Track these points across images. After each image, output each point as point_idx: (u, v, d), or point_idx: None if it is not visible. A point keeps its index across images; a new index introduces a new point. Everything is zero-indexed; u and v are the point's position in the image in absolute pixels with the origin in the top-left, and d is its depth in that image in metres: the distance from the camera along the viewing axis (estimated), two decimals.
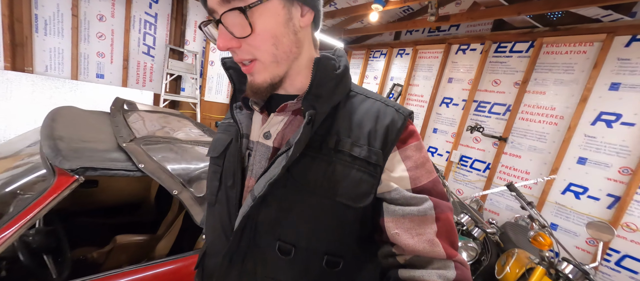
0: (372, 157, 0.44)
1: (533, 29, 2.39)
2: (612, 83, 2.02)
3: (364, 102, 0.48)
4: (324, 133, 0.46)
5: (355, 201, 0.44)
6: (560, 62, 2.28)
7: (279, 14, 0.40)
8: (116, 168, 0.89)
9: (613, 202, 1.99)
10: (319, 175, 0.44)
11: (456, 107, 2.96)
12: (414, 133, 0.46)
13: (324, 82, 0.43)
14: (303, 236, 0.46)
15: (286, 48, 0.42)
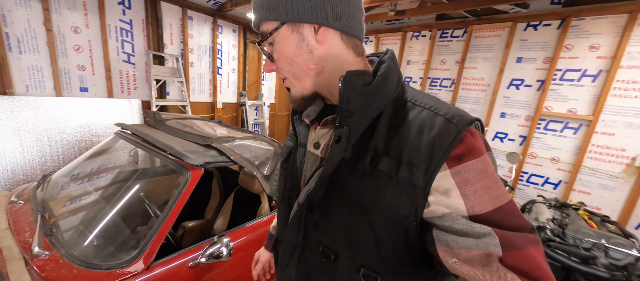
0: (413, 178, 0.40)
1: (466, 19, 3.13)
2: (518, 57, 2.87)
3: (411, 111, 0.44)
4: (361, 147, 0.45)
5: (389, 223, 0.42)
6: (485, 43, 3.07)
7: (288, 39, 0.44)
8: (221, 160, 1.23)
9: (522, 140, 2.91)
10: (353, 191, 0.44)
11: (415, 84, 3.66)
12: (473, 148, 0.39)
13: (353, 98, 0.42)
14: (341, 245, 0.47)
15: (302, 66, 0.46)
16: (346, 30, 0.45)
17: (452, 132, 0.39)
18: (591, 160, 2.56)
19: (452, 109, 0.42)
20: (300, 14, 0.43)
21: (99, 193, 1.33)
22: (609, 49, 2.39)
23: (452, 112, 0.42)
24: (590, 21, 2.45)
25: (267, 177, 1.51)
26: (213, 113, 3.92)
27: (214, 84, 3.85)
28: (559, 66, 2.62)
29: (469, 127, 0.40)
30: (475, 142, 0.40)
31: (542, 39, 2.70)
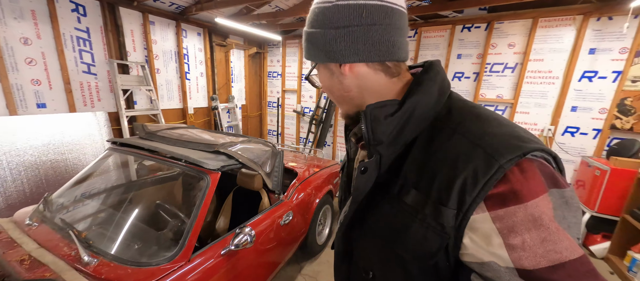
0: (441, 217, 0.37)
1: (415, 21, 3.62)
2: (458, 54, 3.45)
3: (448, 138, 0.39)
4: (394, 173, 0.44)
5: (415, 257, 0.41)
6: (432, 43, 3.61)
7: (323, 74, 0.51)
8: (232, 163, 1.40)
9: None
10: (381, 220, 0.45)
11: None
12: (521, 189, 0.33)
13: (377, 129, 0.44)
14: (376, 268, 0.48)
15: (337, 93, 0.50)
16: (371, 59, 0.44)
17: (491, 168, 0.34)
18: None
19: (505, 138, 0.36)
20: (325, 56, 0.47)
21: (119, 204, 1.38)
22: (521, 46, 3.06)
23: (497, 143, 0.35)
24: (507, 24, 3.09)
25: (269, 174, 1.71)
26: (185, 120, 3.85)
27: (183, 90, 3.78)
28: (488, 61, 3.25)
29: (518, 161, 0.34)
30: (525, 181, 0.33)
31: (474, 38, 3.31)
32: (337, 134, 4.66)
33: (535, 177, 0.34)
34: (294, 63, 4.86)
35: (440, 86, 0.45)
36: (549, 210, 0.33)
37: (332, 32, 0.44)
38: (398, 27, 0.44)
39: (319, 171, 2.49)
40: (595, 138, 2.86)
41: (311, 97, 4.82)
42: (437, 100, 0.44)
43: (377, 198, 0.47)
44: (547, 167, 0.35)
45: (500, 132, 0.37)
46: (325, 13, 0.44)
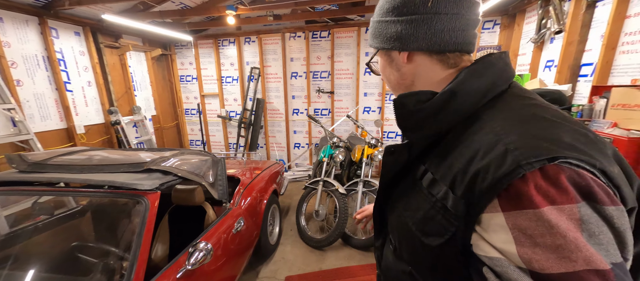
0: (448, 202, 0.38)
1: (328, 23, 3.98)
2: (366, 52, 4.02)
3: (477, 132, 0.39)
4: (417, 161, 0.48)
5: (423, 235, 0.43)
6: (344, 42, 4.06)
7: (382, 61, 0.54)
8: (171, 180, 1.26)
9: (379, 110, 4.17)
10: (404, 199, 0.50)
11: (301, 77, 4.31)
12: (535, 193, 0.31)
13: (406, 117, 0.46)
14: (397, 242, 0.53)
15: (395, 81, 0.53)
16: (431, 49, 0.45)
17: (507, 166, 0.32)
18: None
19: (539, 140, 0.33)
20: (387, 42, 0.49)
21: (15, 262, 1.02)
22: None
23: (525, 142, 0.33)
24: None
25: (213, 184, 1.62)
26: (73, 142, 3.04)
27: (64, 104, 2.97)
28: None
29: (544, 165, 0.31)
30: (548, 186, 0.31)
31: None
32: (269, 135, 4.65)
33: (561, 185, 0.31)
34: (210, 65, 4.51)
35: (492, 79, 0.42)
36: (572, 221, 0.30)
37: (396, 20, 0.46)
38: (465, 17, 0.44)
39: (261, 173, 2.49)
40: None
41: (236, 100, 4.61)
42: (484, 92, 0.41)
43: (403, 181, 0.51)
44: (584, 178, 0.31)
45: (535, 132, 0.34)
46: (392, 3, 0.47)
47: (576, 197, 0.31)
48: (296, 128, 4.57)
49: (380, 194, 0.58)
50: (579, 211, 0.30)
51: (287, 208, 3.41)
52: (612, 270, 0.28)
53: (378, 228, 0.63)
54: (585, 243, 0.29)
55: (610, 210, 0.31)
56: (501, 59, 0.44)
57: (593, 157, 0.32)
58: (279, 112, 4.53)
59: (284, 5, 3.20)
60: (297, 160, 4.68)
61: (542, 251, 0.30)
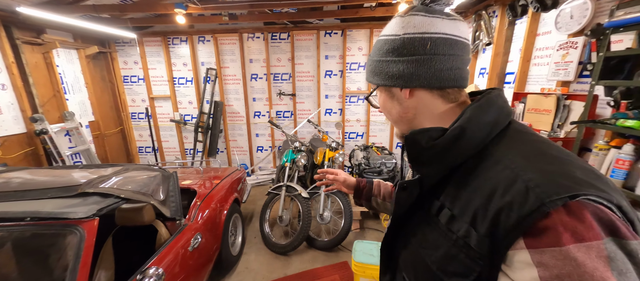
0: (472, 240, 0.38)
1: (287, 26, 3.96)
2: (325, 55, 4.10)
3: (492, 168, 0.40)
4: (432, 196, 0.48)
5: (445, 275, 0.42)
6: (304, 45, 4.08)
7: (383, 96, 0.55)
8: (113, 202, 1.14)
9: (340, 112, 4.30)
10: (419, 235, 0.49)
11: (262, 79, 4.21)
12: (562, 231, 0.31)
13: (419, 152, 0.47)
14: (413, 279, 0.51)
15: (397, 115, 0.54)
16: (431, 86, 0.48)
17: (531, 204, 0.33)
18: (374, 116, 4.31)
19: (557, 177, 0.34)
20: (388, 80, 0.51)
21: None
22: (367, 49, 4.03)
23: (544, 180, 0.34)
24: (355, 32, 3.97)
25: (164, 202, 1.52)
26: None
27: None
28: (347, 61, 4.07)
29: (567, 202, 0.32)
30: (574, 222, 0.31)
31: (335, 43, 4.03)
32: (229, 139, 4.47)
33: (586, 221, 0.31)
34: (159, 65, 4.14)
35: (496, 115, 0.44)
36: (601, 259, 0.30)
37: (397, 60, 0.49)
38: (460, 56, 0.48)
39: (220, 182, 2.39)
40: None
41: (191, 103, 4.31)
42: (490, 128, 0.43)
43: (417, 216, 0.51)
44: (605, 213, 0.32)
45: (551, 170, 0.35)
46: (391, 45, 0.49)
47: (601, 234, 0.30)
48: (258, 131, 4.47)
49: (391, 229, 0.57)
50: (606, 248, 0.30)
51: (251, 214, 3.34)
52: None
53: (385, 264, 0.62)
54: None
55: (634, 244, 0.30)
56: (500, 96, 0.47)
57: (609, 192, 0.33)
58: (239, 115, 4.37)
59: (240, 6, 3.08)
60: (261, 164, 4.59)
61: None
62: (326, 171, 0.92)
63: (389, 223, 0.57)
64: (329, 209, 2.72)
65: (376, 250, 1.97)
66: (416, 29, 0.46)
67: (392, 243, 0.58)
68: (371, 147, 3.60)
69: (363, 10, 3.46)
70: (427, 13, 0.47)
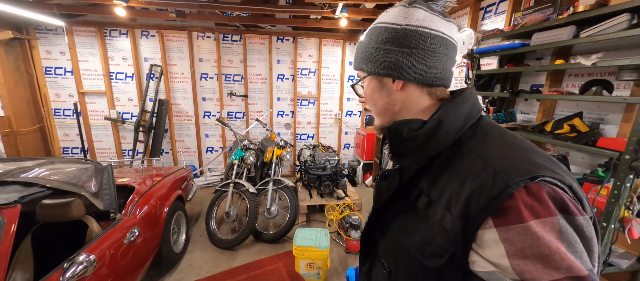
0: (447, 223, 0.42)
1: (239, 28, 4.03)
2: (278, 59, 4.27)
3: (465, 157, 0.44)
4: (414, 183, 0.50)
5: (423, 257, 0.45)
6: (257, 48, 4.20)
7: (371, 85, 0.55)
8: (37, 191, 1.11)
9: (292, 114, 4.50)
10: (398, 222, 0.51)
11: (213, 79, 4.18)
12: (523, 208, 0.35)
13: (400, 143, 0.49)
14: (392, 265, 0.53)
15: (381, 105, 0.54)
16: (422, 81, 0.49)
17: (498, 186, 0.37)
18: (323, 119, 4.62)
19: (519, 162, 0.39)
20: (383, 69, 0.51)
21: None
22: (316, 57, 4.34)
23: (510, 165, 0.39)
24: (306, 40, 4.25)
25: (97, 194, 1.50)
26: None
27: None
28: (298, 66, 4.31)
29: (527, 183, 0.36)
30: (532, 202, 0.36)
31: (287, 48, 4.25)
32: (176, 139, 4.28)
33: (543, 200, 0.35)
34: (93, 57, 3.79)
35: (468, 111, 0.48)
36: (554, 232, 0.34)
37: (395, 49, 0.49)
38: (451, 58, 0.51)
39: (162, 179, 2.35)
40: (360, 116, 4.71)
41: (131, 100, 4.03)
42: (463, 122, 0.47)
43: (397, 204, 0.53)
44: (558, 193, 0.36)
45: (515, 157, 0.40)
46: (393, 33, 0.49)
47: (555, 211, 0.35)
48: (208, 132, 4.38)
49: (371, 219, 0.59)
50: (558, 223, 0.35)
51: (198, 215, 3.28)
52: (588, 276, 0.32)
53: (364, 254, 0.64)
54: (566, 252, 0.33)
55: (579, 219, 0.35)
56: (472, 94, 0.50)
57: (562, 175, 0.38)
58: (187, 115, 4.23)
59: (189, 5, 3.08)
60: (210, 165, 4.49)
61: (531, 262, 0.34)
62: None
63: (369, 213, 0.60)
64: (277, 204, 2.87)
65: (315, 234, 2.20)
66: (419, 22, 0.47)
67: (372, 233, 0.60)
68: (318, 146, 3.88)
69: (310, 21, 3.77)
70: (429, 9, 0.48)
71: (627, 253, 1.36)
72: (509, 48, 1.72)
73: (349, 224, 2.57)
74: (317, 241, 2.11)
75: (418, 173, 0.50)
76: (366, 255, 0.63)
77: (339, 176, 3.20)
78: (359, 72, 0.57)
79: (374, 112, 0.57)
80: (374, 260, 0.60)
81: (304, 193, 3.30)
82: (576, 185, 0.39)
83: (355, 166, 4.37)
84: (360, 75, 0.57)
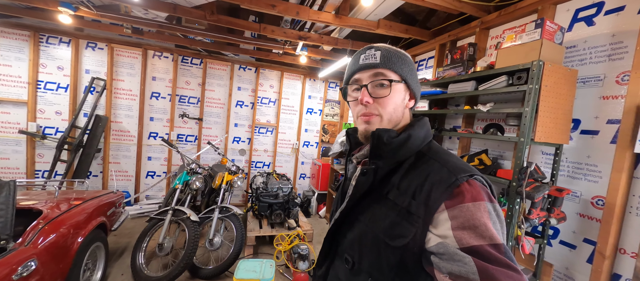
0: (412, 207, 0.52)
1: (200, 53, 4.03)
2: (238, 86, 4.30)
3: (427, 162, 0.57)
4: (385, 182, 0.60)
5: (390, 238, 0.54)
6: (218, 73, 4.19)
7: (401, 93, 0.63)
8: None
9: (249, 141, 4.43)
10: (371, 212, 0.60)
11: (165, 99, 3.96)
12: (466, 194, 0.49)
13: (380, 147, 0.59)
14: (357, 255, 0.60)
15: (392, 111, 0.62)
16: (417, 99, 0.67)
17: (450, 179, 0.50)
18: (280, 148, 4.63)
19: (461, 165, 0.54)
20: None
21: None
22: (277, 88, 4.49)
23: (457, 166, 0.53)
24: (268, 72, 4.41)
25: None
26: None
27: None
28: (259, 95, 4.39)
29: (468, 178, 0.50)
30: (472, 190, 0.49)
31: (248, 77, 4.34)
32: (110, 160, 3.79)
33: (477, 189, 0.50)
34: (19, 62, 3.34)
35: (426, 132, 0.63)
36: (484, 211, 0.47)
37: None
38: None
39: (81, 204, 2.03)
40: (316, 147, 4.85)
41: (59, 114, 3.54)
42: (423, 139, 0.62)
43: (368, 199, 0.62)
44: (484, 187, 0.52)
45: (459, 163, 0.55)
46: (412, 64, 0.66)
47: (484, 197, 0.49)
48: (152, 154, 4.00)
49: (340, 216, 0.65)
50: (487, 206, 0.48)
51: (123, 248, 2.82)
52: (503, 245, 0.45)
53: (325, 254, 0.70)
54: (490, 226, 0.46)
55: (498, 206, 0.51)
56: (427, 121, 0.65)
57: (483, 176, 0.54)
58: (128, 135, 3.85)
59: (147, 24, 3.02)
60: (149, 192, 4.02)
61: (467, 232, 0.45)
62: None
63: (338, 212, 0.66)
64: (221, 234, 2.66)
65: (259, 266, 2.07)
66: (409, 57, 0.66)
67: (337, 230, 0.67)
68: (272, 174, 3.82)
69: (273, 54, 3.98)
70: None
71: (525, 269, 1.60)
72: (434, 94, 2.06)
73: (297, 254, 2.49)
74: (260, 273, 1.98)
75: (388, 174, 0.60)
76: (326, 255, 0.70)
77: (292, 205, 3.15)
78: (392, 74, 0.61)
79: (387, 116, 0.62)
80: (333, 259, 0.68)
81: (254, 223, 3.13)
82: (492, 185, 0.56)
83: (310, 196, 4.36)
84: (392, 77, 0.61)
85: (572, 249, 1.57)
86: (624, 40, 1.43)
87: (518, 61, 1.50)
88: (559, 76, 1.43)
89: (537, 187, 1.37)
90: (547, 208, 1.46)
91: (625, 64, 1.42)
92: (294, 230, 3.01)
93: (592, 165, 1.52)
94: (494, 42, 2.12)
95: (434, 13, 2.76)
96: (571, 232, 1.58)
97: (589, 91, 1.55)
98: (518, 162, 1.40)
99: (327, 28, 2.90)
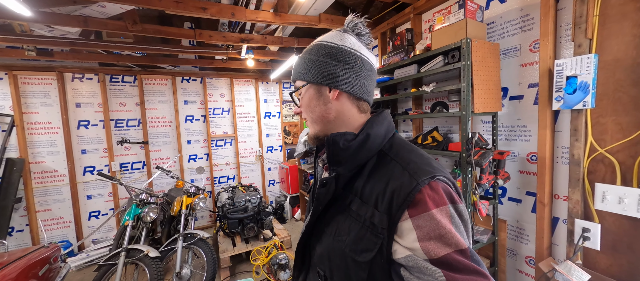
0: (376, 219, 0.49)
1: (132, 68, 3.58)
2: (185, 100, 3.95)
3: (388, 164, 0.53)
4: (345, 190, 0.56)
5: (356, 253, 0.50)
6: (157, 89, 3.79)
7: (309, 93, 0.60)
8: None
9: (207, 156, 4.11)
10: (335, 224, 0.56)
11: (97, 127, 3.45)
12: (428, 200, 0.46)
13: (337, 153, 0.55)
14: (328, 270, 0.56)
15: (319, 113, 0.59)
16: (354, 93, 0.58)
17: (411, 184, 0.47)
18: (243, 158, 4.40)
19: (423, 166, 0.50)
20: (323, 78, 0.58)
21: None
22: (229, 96, 4.24)
23: (418, 168, 0.49)
24: (215, 80, 4.13)
25: None
26: None
27: None
28: (209, 106, 4.09)
29: (429, 181, 0.47)
30: (433, 195, 0.46)
31: (195, 89, 4.00)
32: (36, 210, 3.19)
33: (440, 193, 0.46)
34: None
35: (387, 127, 0.58)
36: (447, 217, 0.45)
37: (333, 63, 0.57)
38: (373, 80, 0.62)
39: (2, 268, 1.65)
40: (281, 150, 4.73)
41: None
42: (384, 136, 0.57)
43: (332, 209, 0.58)
44: (447, 187, 0.48)
45: (420, 162, 0.51)
46: (331, 50, 0.58)
47: (447, 201, 0.46)
48: (93, 191, 3.48)
49: (308, 228, 0.62)
50: (449, 210, 0.46)
51: None
52: (468, 249, 0.43)
53: (299, 266, 0.67)
54: (455, 232, 0.44)
55: (461, 206, 0.48)
56: (388, 114, 0.61)
57: (448, 175, 0.51)
58: (56, 174, 3.28)
59: (54, 43, 2.56)
60: (96, 235, 3.50)
61: (433, 242, 0.43)
62: None
63: (305, 225, 0.64)
64: (190, 264, 2.43)
65: None
66: (351, 45, 0.58)
67: (309, 240, 0.64)
68: (238, 187, 3.62)
69: (217, 61, 3.73)
70: (357, 37, 0.60)
71: (485, 230, 1.76)
72: (383, 81, 2.13)
73: (277, 265, 2.40)
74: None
75: (350, 180, 0.56)
76: (301, 266, 0.67)
77: (263, 215, 3.02)
78: (298, 82, 0.63)
79: (310, 119, 0.62)
80: (308, 271, 0.64)
81: (226, 242, 2.93)
82: (453, 180, 0.52)
83: (283, 201, 4.26)
84: (298, 85, 0.63)
85: (519, 203, 1.77)
86: (531, 12, 1.63)
87: (449, 41, 1.61)
88: (485, 51, 1.57)
89: (483, 154, 1.50)
90: (493, 171, 1.62)
91: (534, 33, 1.61)
92: (270, 240, 2.90)
93: (522, 127, 1.71)
94: (428, 26, 2.26)
95: (372, 3, 2.84)
96: (516, 188, 1.78)
97: (511, 61, 1.74)
98: (464, 134, 1.52)
99: (269, 27, 2.79)
